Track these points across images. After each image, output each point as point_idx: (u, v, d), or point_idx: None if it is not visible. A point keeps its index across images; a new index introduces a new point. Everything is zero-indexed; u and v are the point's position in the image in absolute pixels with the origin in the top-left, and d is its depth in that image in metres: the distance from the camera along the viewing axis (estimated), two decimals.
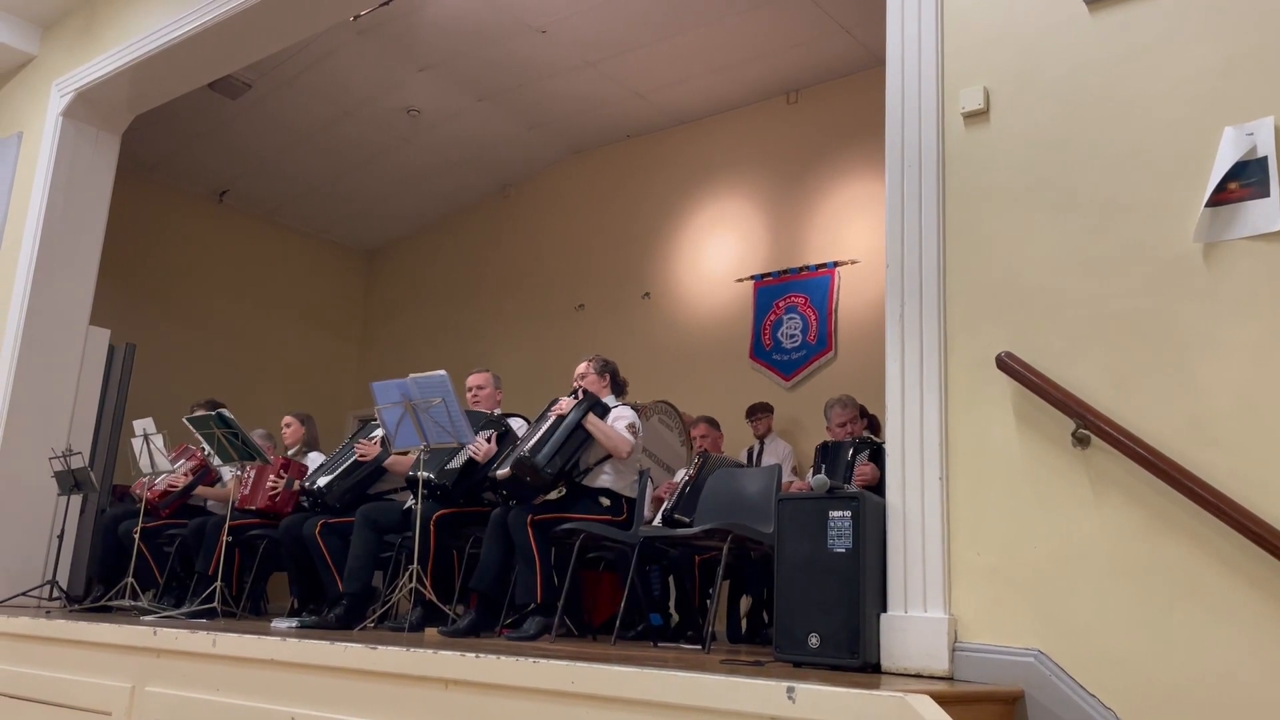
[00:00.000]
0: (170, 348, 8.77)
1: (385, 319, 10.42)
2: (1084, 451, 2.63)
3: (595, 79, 7.76)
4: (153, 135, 7.96)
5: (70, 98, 6.21)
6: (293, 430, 6.02)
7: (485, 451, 4.65)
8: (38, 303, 6.00)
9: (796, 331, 7.34)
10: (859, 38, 7.00)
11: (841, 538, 2.86)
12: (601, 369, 4.77)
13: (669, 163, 8.43)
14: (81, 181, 6.27)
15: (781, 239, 7.64)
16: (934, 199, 3.02)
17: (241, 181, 9.36)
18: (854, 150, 7.28)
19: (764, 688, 2.13)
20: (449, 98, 8.09)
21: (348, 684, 2.84)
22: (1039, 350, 2.75)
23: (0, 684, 3.96)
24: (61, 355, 6.08)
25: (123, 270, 8.26)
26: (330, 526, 4.89)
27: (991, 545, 2.72)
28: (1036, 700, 2.54)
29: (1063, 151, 2.85)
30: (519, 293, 9.18)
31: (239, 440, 4.92)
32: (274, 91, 7.98)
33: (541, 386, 6.90)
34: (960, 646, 2.69)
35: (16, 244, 6.20)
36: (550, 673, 2.45)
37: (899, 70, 3.19)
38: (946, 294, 2.95)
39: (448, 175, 9.32)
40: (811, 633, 2.84)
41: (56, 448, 5.71)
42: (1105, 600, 2.53)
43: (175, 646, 3.35)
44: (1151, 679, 2.42)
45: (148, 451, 5.35)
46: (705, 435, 6.10)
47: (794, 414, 7.06)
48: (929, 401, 2.89)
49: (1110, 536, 2.56)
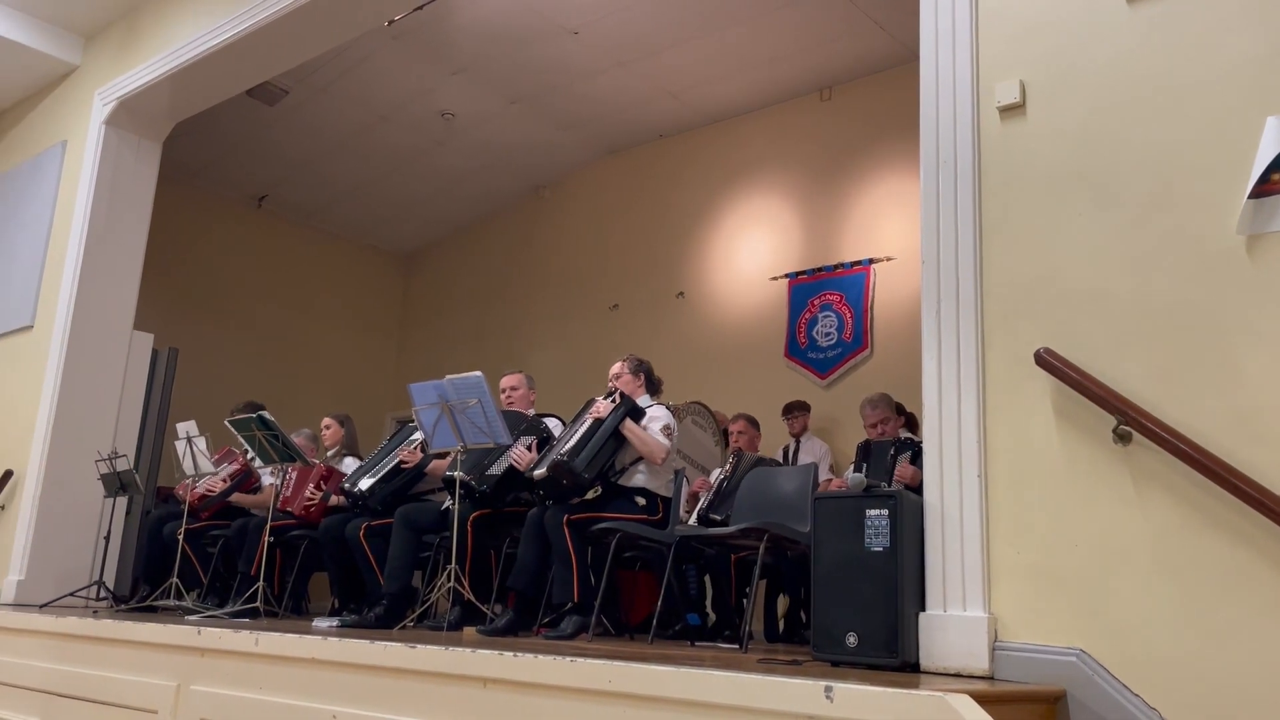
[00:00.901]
0: (212, 351, 8.90)
1: (422, 321, 10.50)
2: (1125, 448, 2.59)
3: (628, 79, 7.77)
4: (193, 142, 8.09)
5: (112, 106, 6.32)
6: (332, 432, 6.09)
7: (528, 460, 4.66)
8: (83, 308, 6.11)
9: (832, 329, 7.30)
10: (892, 33, 6.95)
11: (879, 536, 2.84)
12: (636, 369, 4.78)
13: (702, 162, 8.42)
14: (124, 189, 6.38)
15: (816, 236, 7.60)
16: (970, 194, 2.99)
17: (280, 187, 9.48)
18: (888, 146, 7.23)
19: (802, 687, 2.12)
20: (482, 101, 8.13)
21: (388, 682, 2.86)
22: (1079, 346, 2.71)
23: (50, 682, 4.04)
24: (107, 360, 6.19)
25: (165, 275, 8.39)
26: (373, 528, 4.95)
27: (1032, 543, 2.69)
28: (1079, 700, 2.51)
29: (1102, 144, 2.81)
30: (553, 293, 9.22)
31: (279, 442, 4.98)
32: (311, 97, 8.07)
33: (576, 387, 6.92)
34: (1000, 645, 2.67)
35: (62, 251, 6.32)
36: (588, 672, 2.46)
37: (933, 65, 3.16)
38: (984, 290, 2.92)
39: (482, 178, 9.37)
40: (849, 632, 2.82)
41: (103, 451, 5.81)
42: (1149, 598, 2.49)
43: (219, 646, 3.39)
44: (1197, 678, 2.39)
45: (191, 454, 5.43)
46: (743, 431, 6.07)
47: (830, 412, 7.02)
48: (967, 399, 2.86)
49: (1153, 534, 2.52)
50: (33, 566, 5.78)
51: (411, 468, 5.09)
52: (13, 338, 6.57)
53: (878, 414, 5.23)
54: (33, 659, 4.21)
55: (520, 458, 4.65)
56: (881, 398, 5.33)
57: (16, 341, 6.52)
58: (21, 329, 6.48)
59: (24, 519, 5.89)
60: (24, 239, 6.69)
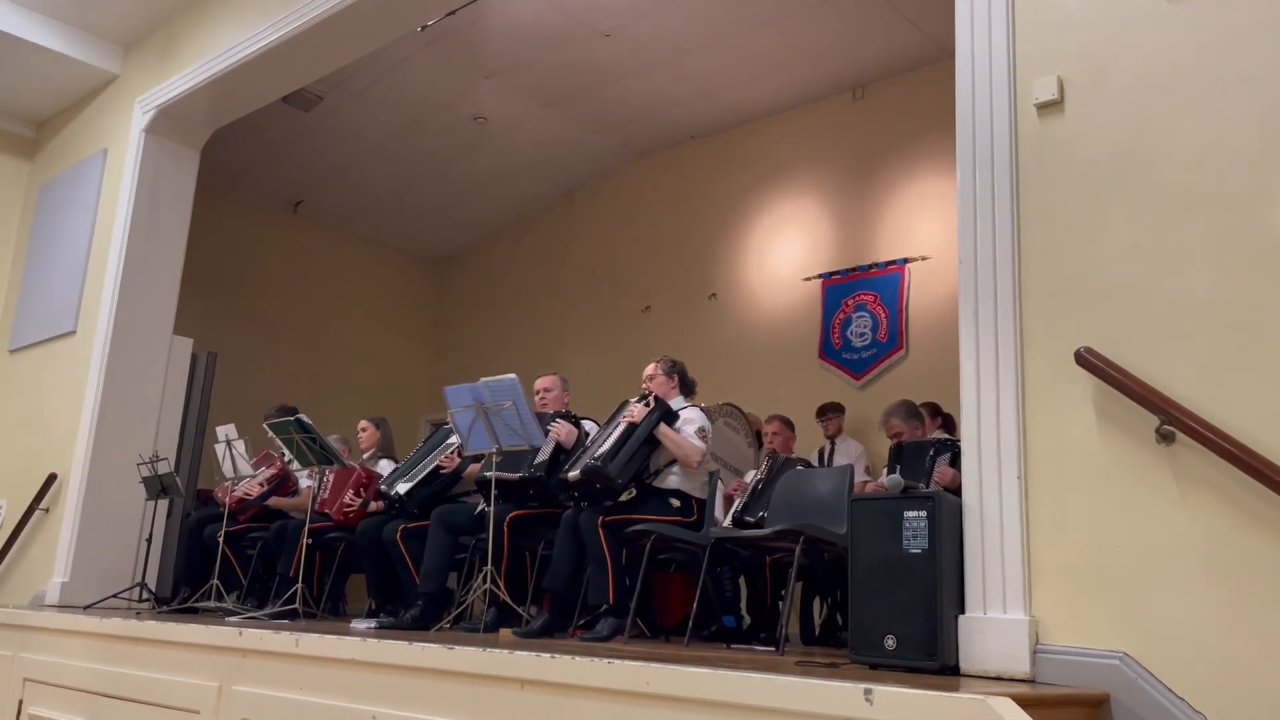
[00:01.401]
0: (250, 355, 9.00)
1: (456, 324, 10.57)
2: (1169, 448, 2.55)
3: (659, 81, 7.77)
4: (230, 149, 8.18)
5: (152, 114, 6.41)
6: (368, 435, 6.14)
7: (567, 433, 4.71)
8: (124, 314, 6.21)
9: (866, 330, 7.25)
10: (926, 30, 6.90)
11: (917, 538, 2.82)
12: (670, 370, 4.78)
13: (734, 163, 8.40)
14: (164, 196, 6.47)
15: (849, 236, 7.56)
16: (1007, 192, 2.96)
17: (315, 192, 9.57)
18: (923, 145, 7.18)
19: (840, 689, 2.11)
20: (515, 104, 8.17)
21: (426, 683, 2.88)
22: (1120, 345, 2.68)
23: (95, 683, 4.11)
24: (147, 365, 6.28)
25: (203, 281, 8.50)
26: (409, 530, 5.00)
27: (1073, 545, 2.66)
28: (1123, 704, 2.47)
29: (1142, 141, 2.77)
30: (586, 296, 9.24)
31: (317, 444, 5.03)
32: (345, 103, 8.14)
33: (609, 389, 6.93)
34: (1042, 648, 2.64)
35: (104, 258, 6.42)
36: (625, 673, 2.46)
37: (969, 62, 3.13)
38: (1022, 289, 2.89)
39: (515, 181, 9.41)
40: (887, 634, 2.80)
41: (144, 454, 5.89)
42: (1194, 601, 2.45)
43: (260, 646, 3.43)
44: (1245, 681, 2.34)
45: (230, 457, 5.50)
46: (778, 433, 6.04)
47: (865, 413, 6.98)
48: (1005, 399, 2.83)
49: (1198, 536, 2.48)
50: (77, 569, 5.87)
51: (449, 472, 5.13)
52: (56, 343, 6.68)
53: (889, 428, 5.21)
54: (78, 660, 4.28)
55: (559, 430, 4.70)
56: (894, 409, 5.26)
57: (59, 347, 6.63)
58: (64, 335, 6.59)
59: (68, 522, 5.99)
60: (67, 246, 6.81)
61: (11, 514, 6.49)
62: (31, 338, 6.92)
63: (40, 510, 6.25)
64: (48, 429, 6.48)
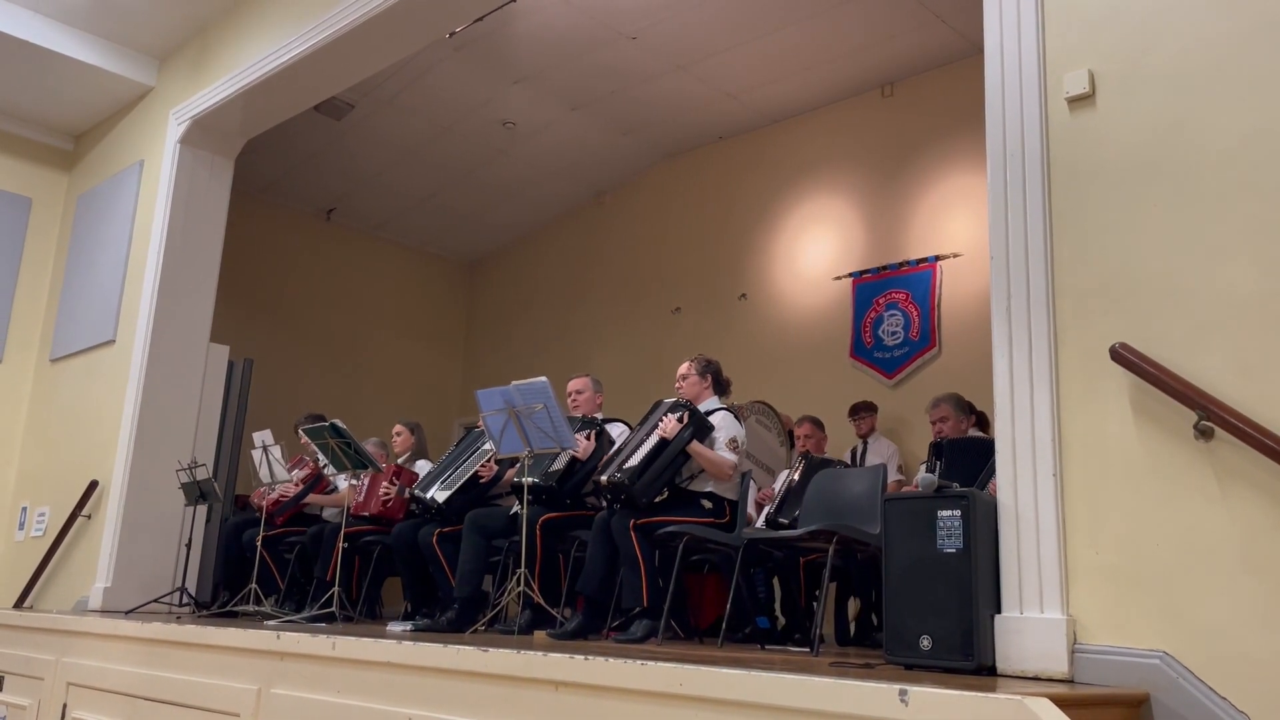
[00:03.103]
0: (285, 361, 9.10)
1: (488, 328, 10.62)
2: (1207, 444, 2.52)
3: (687, 82, 7.77)
4: (263, 158, 8.28)
5: (186, 125, 6.50)
6: (403, 439, 6.19)
7: (585, 448, 4.71)
8: (162, 322, 6.29)
9: (898, 328, 7.21)
10: (955, 26, 6.85)
11: (951, 537, 2.79)
12: (704, 370, 4.76)
13: (763, 162, 8.38)
14: (199, 205, 6.56)
15: (880, 235, 7.52)
16: (1039, 188, 2.93)
17: (347, 199, 9.67)
18: (953, 141, 7.13)
19: (876, 690, 2.10)
20: (543, 109, 8.21)
21: (461, 686, 2.90)
22: (1156, 340, 2.64)
23: (137, 686, 4.17)
24: (185, 372, 6.36)
25: (239, 288, 8.60)
26: (444, 534, 5.03)
27: (1111, 543, 2.63)
28: (1163, 703, 2.44)
29: (1177, 134, 2.73)
30: (616, 298, 9.25)
31: (351, 449, 5.07)
32: (375, 111, 8.22)
33: (641, 390, 6.93)
34: (1080, 648, 2.61)
35: (141, 267, 6.51)
36: (659, 675, 2.46)
37: (998, 57, 3.10)
38: (1055, 285, 2.85)
39: (544, 185, 9.45)
40: (923, 635, 2.78)
41: (183, 460, 5.97)
42: (1236, 599, 2.41)
43: (298, 650, 3.46)
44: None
45: (267, 462, 5.56)
46: (810, 435, 6.03)
47: (898, 412, 6.94)
48: (1040, 396, 2.80)
49: (1239, 532, 2.44)
50: (118, 574, 5.96)
51: (487, 480, 5.17)
52: (96, 352, 6.79)
53: (937, 412, 5.21)
54: (120, 664, 4.35)
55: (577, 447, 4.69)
56: (946, 397, 5.27)
57: (99, 356, 6.74)
58: (104, 344, 6.69)
59: (109, 528, 6.08)
60: (105, 257, 6.92)
61: (54, 521, 6.60)
62: (72, 347, 7.04)
63: (83, 517, 6.35)
64: (89, 437, 6.59)
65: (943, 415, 5.17)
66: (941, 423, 5.17)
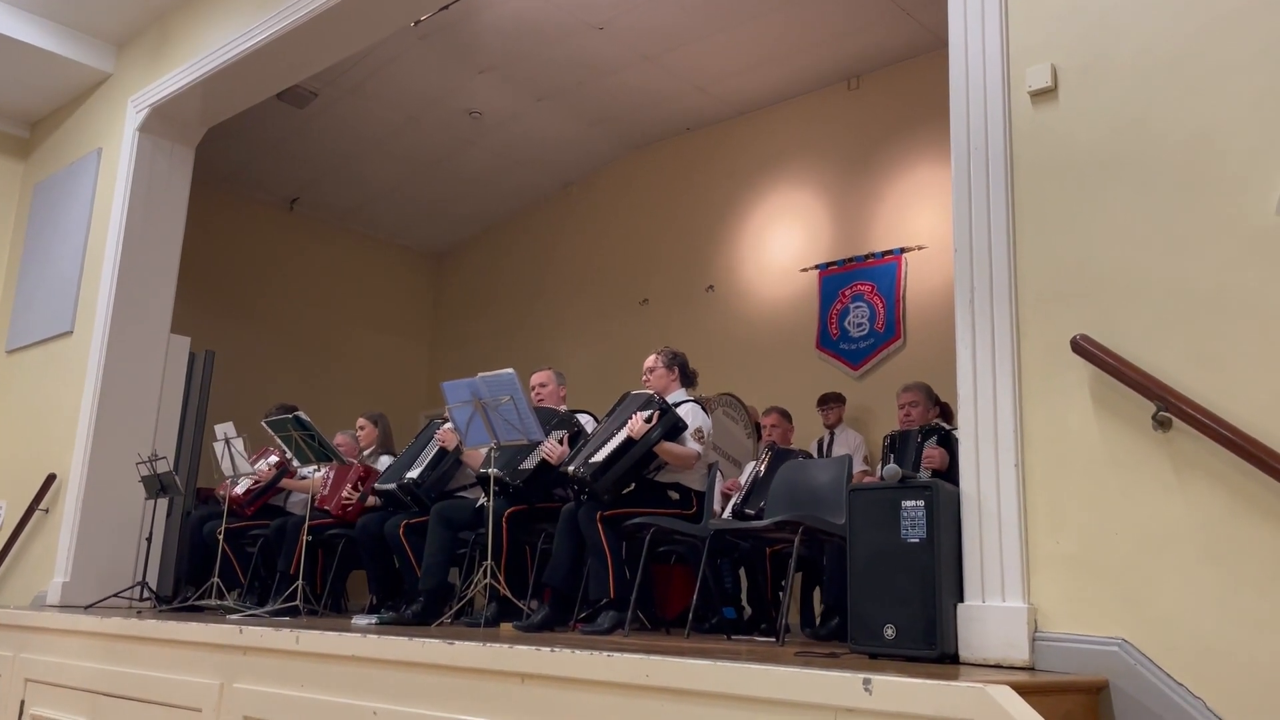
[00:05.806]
0: (248, 353, 8.99)
1: (454, 319, 10.56)
2: (1166, 435, 2.56)
3: (654, 73, 7.76)
4: (225, 146, 8.17)
5: (145, 113, 6.40)
6: (367, 432, 6.15)
7: (559, 454, 4.66)
8: (121, 313, 6.20)
9: (864, 320, 7.25)
10: (920, 20, 6.89)
11: (915, 528, 2.82)
12: (670, 362, 4.77)
13: (730, 154, 8.40)
14: (159, 194, 6.46)
15: (846, 227, 7.56)
16: (1002, 181, 2.96)
17: (311, 189, 9.56)
18: (918, 135, 7.17)
19: (840, 679, 2.12)
20: (510, 99, 8.16)
21: (427, 679, 2.89)
22: (1116, 332, 2.68)
23: (97, 682, 4.11)
24: (145, 364, 6.27)
25: (200, 279, 8.49)
26: (412, 526, 5.00)
27: (1071, 533, 2.66)
28: (1122, 690, 2.48)
29: (1137, 128, 2.77)
30: (583, 290, 9.23)
31: (315, 442, 5.03)
32: (340, 99, 8.13)
33: (608, 382, 6.93)
34: (1041, 636, 2.64)
35: (100, 257, 6.41)
36: (625, 666, 2.46)
37: (962, 51, 3.13)
38: (1018, 278, 2.89)
39: (511, 176, 9.40)
40: (887, 624, 2.81)
41: (143, 453, 5.89)
42: (1192, 587, 2.46)
43: (261, 644, 3.43)
44: (1243, 666, 2.35)
45: (229, 454, 5.50)
46: (776, 425, 6.05)
47: (864, 403, 6.98)
48: (1002, 387, 2.84)
49: (1196, 521, 2.48)
50: (77, 568, 5.87)
51: (452, 451, 5.10)
52: (53, 343, 6.68)
53: (907, 396, 5.24)
54: (79, 659, 4.29)
55: (551, 452, 4.66)
56: (917, 384, 5.31)
57: (57, 347, 6.63)
58: (61, 335, 6.58)
59: (67, 522, 5.99)
60: (62, 246, 6.80)
61: (11, 515, 6.50)
62: (29, 338, 6.91)
63: (40, 511, 6.25)
64: (46, 429, 6.48)
65: (913, 400, 5.21)
66: (911, 407, 5.20)
